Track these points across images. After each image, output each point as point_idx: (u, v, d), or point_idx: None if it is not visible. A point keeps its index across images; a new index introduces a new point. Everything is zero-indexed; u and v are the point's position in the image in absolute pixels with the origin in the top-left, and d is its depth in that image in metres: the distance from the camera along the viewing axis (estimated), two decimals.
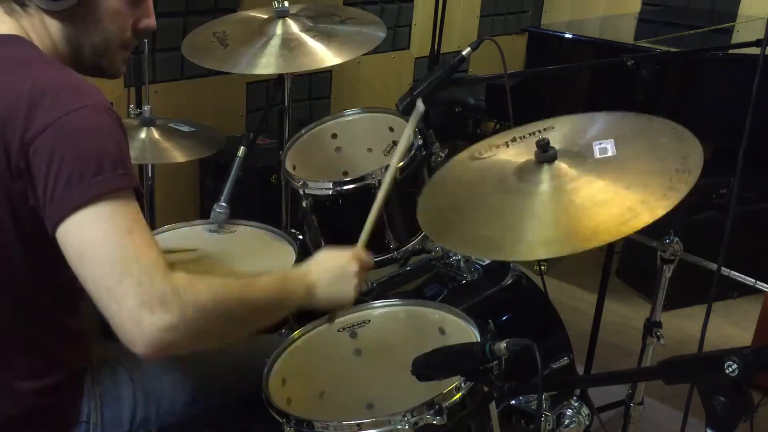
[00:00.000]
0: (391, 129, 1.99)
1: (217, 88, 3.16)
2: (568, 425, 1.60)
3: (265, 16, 2.11)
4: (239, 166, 2.02)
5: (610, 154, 1.30)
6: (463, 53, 1.80)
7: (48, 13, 1.19)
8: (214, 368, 1.45)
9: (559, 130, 1.43)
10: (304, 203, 1.86)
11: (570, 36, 3.13)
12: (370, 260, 1.39)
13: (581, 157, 1.32)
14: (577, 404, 1.62)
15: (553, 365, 1.82)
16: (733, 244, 1.35)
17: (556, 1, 4.48)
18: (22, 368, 1.23)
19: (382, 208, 1.45)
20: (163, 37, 2.89)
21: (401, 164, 1.78)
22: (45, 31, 1.21)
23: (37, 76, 1.12)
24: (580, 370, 2.13)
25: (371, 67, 3.73)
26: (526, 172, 1.34)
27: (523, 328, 1.92)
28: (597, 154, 1.31)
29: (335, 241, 1.90)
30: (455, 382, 1.27)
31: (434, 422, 1.24)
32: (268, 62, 1.97)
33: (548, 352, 1.84)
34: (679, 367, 0.94)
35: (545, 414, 1.52)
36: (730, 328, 2.90)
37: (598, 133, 1.37)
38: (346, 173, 2.04)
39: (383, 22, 2.13)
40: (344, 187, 1.81)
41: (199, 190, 3.19)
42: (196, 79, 3.07)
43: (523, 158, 1.38)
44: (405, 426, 1.23)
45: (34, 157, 1.07)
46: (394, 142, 1.97)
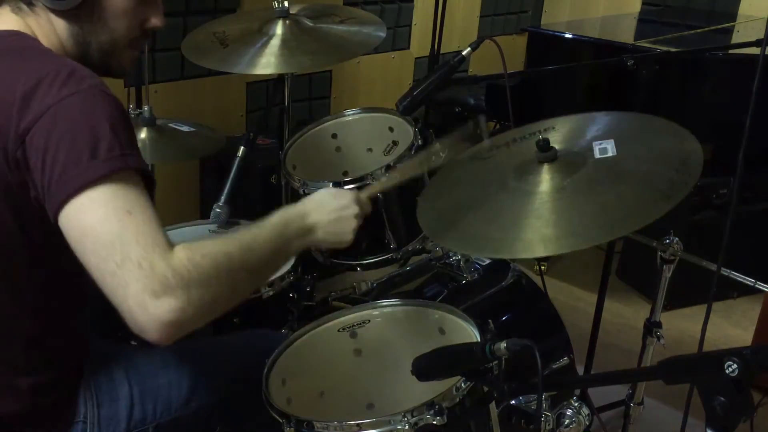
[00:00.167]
0: (391, 129, 1.99)
1: (217, 88, 3.16)
2: (568, 425, 1.60)
3: (265, 16, 2.10)
4: (239, 166, 2.01)
5: (611, 154, 1.31)
6: (463, 53, 1.79)
7: (55, 12, 1.19)
8: (212, 366, 1.45)
9: (560, 131, 1.43)
10: None
11: (570, 36, 3.13)
12: (369, 207, 1.42)
13: (581, 157, 1.32)
14: (577, 404, 1.61)
15: (553, 365, 1.82)
16: (733, 244, 1.35)
17: (556, 1, 4.48)
18: (20, 365, 1.23)
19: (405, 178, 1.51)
20: (163, 37, 2.89)
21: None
22: (52, 30, 1.21)
23: (30, 65, 1.12)
24: (580, 370, 2.13)
25: (371, 67, 3.73)
26: (526, 172, 1.34)
27: (523, 328, 1.92)
28: (597, 154, 1.31)
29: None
30: (455, 382, 1.27)
31: (434, 422, 1.24)
32: (268, 62, 1.97)
33: (548, 352, 1.84)
34: (679, 367, 0.94)
35: (545, 414, 1.52)
36: (730, 328, 2.89)
37: (599, 133, 1.37)
38: (346, 173, 2.04)
39: (383, 22, 2.13)
40: (344, 187, 1.80)
41: (199, 190, 3.18)
42: (196, 79, 3.07)
43: (523, 158, 1.38)
44: (405, 426, 1.23)
45: (31, 147, 1.06)
46: (394, 142, 1.97)
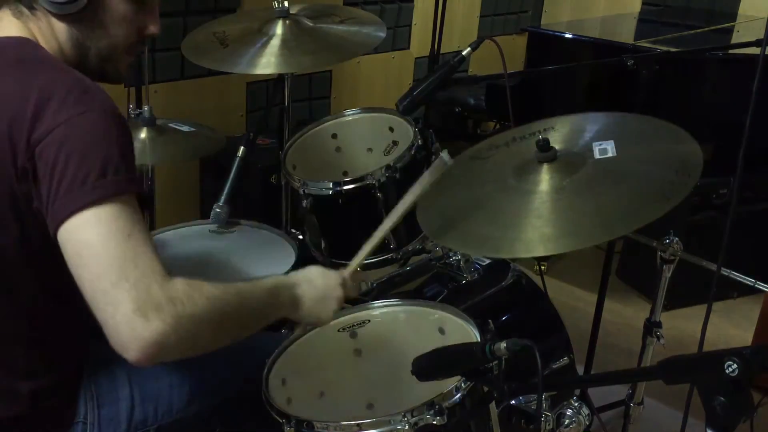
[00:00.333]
0: (391, 129, 1.99)
1: (217, 88, 3.16)
2: (568, 425, 1.60)
3: (265, 16, 2.10)
4: (239, 166, 2.01)
5: (610, 154, 1.31)
6: (463, 53, 1.79)
7: (56, 17, 1.20)
8: (212, 367, 1.45)
9: (560, 131, 1.43)
10: (304, 203, 1.86)
11: (570, 36, 3.13)
12: (355, 290, 1.43)
13: (581, 158, 1.32)
14: (577, 404, 1.61)
15: (553, 365, 1.82)
16: (733, 244, 1.35)
17: (556, 1, 4.48)
18: (20, 368, 1.23)
19: (381, 239, 1.46)
20: (163, 37, 2.88)
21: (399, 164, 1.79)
22: (52, 35, 1.21)
23: (45, 77, 1.13)
24: (580, 370, 2.13)
25: (371, 67, 3.73)
26: (525, 172, 1.34)
27: (523, 328, 1.92)
28: (597, 155, 1.31)
29: (335, 241, 1.92)
30: (455, 382, 1.27)
31: (434, 422, 1.24)
32: (268, 62, 1.97)
33: (548, 352, 1.84)
34: (679, 367, 0.94)
35: (545, 414, 1.52)
36: (730, 328, 2.89)
37: (598, 133, 1.37)
38: (346, 173, 2.04)
39: (383, 22, 2.13)
40: (344, 187, 1.81)
41: (199, 190, 3.19)
42: (196, 79, 3.07)
43: (523, 158, 1.38)
44: (405, 426, 1.23)
45: (40, 159, 1.07)
46: (394, 142, 1.97)
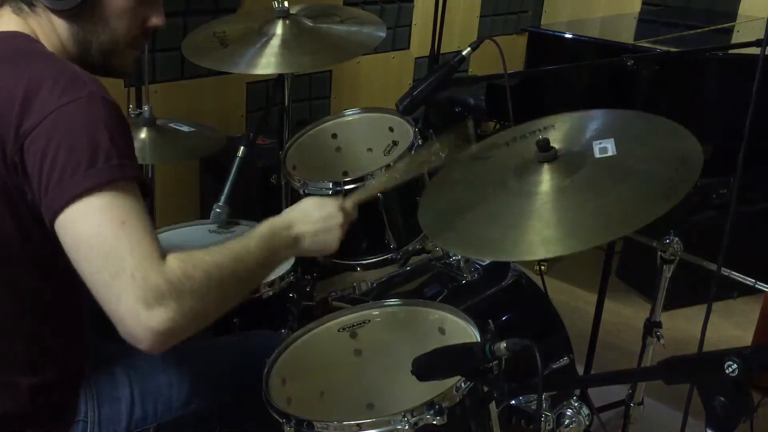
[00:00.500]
0: (391, 129, 1.98)
1: (217, 88, 3.16)
2: (568, 425, 1.60)
3: (265, 16, 2.10)
4: (239, 166, 2.01)
5: (610, 153, 1.30)
6: (463, 53, 1.79)
7: (55, 13, 1.19)
8: (212, 365, 1.45)
9: (560, 130, 1.43)
10: None
11: (570, 36, 3.13)
12: (354, 213, 1.42)
13: (581, 157, 1.32)
14: (577, 404, 1.61)
15: (553, 365, 1.82)
16: (733, 244, 1.35)
17: (556, 1, 4.48)
18: (20, 364, 1.22)
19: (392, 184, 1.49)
20: (163, 37, 2.89)
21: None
22: (53, 31, 1.21)
23: (32, 68, 1.12)
24: (580, 370, 2.13)
25: (371, 67, 3.73)
26: (526, 172, 1.34)
27: (523, 328, 1.92)
28: (597, 154, 1.31)
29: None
30: (455, 382, 1.27)
31: (434, 422, 1.24)
32: (268, 62, 1.97)
33: (548, 352, 1.84)
34: (679, 367, 0.94)
35: (545, 414, 1.52)
36: (730, 328, 2.89)
37: (598, 132, 1.37)
38: (346, 173, 2.04)
39: (383, 22, 2.13)
40: (344, 187, 1.80)
41: (199, 190, 3.19)
42: (196, 79, 3.07)
43: (523, 158, 1.38)
44: (405, 426, 1.23)
45: (29, 151, 1.06)
46: (394, 142, 1.97)
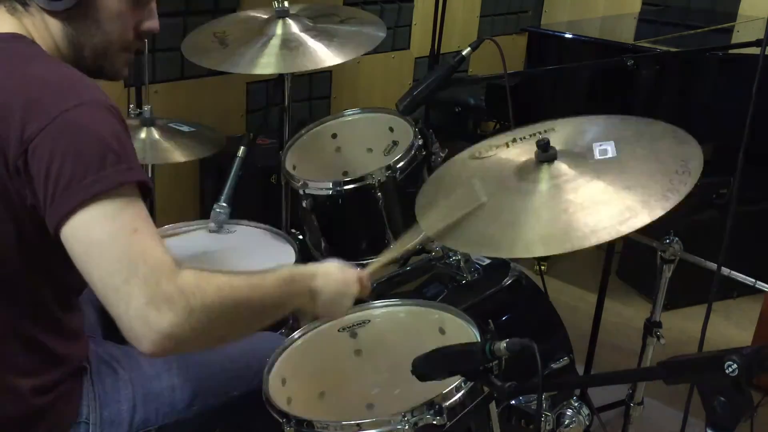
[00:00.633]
0: (391, 129, 1.99)
1: (217, 88, 3.16)
2: (568, 425, 1.60)
3: (265, 16, 2.11)
4: (239, 166, 2.02)
5: (610, 155, 1.31)
6: (463, 53, 1.79)
7: (49, 13, 1.19)
8: (214, 367, 1.45)
9: (560, 132, 1.43)
10: (304, 203, 1.86)
11: (570, 36, 3.13)
12: (369, 289, 1.40)
13: (581, 158, 1.32)
14: (577, 404, 1.62)
15: (553, 365, 1.82)
16: (733, 244, 1.35)
17: (556, 1, 4.47)
18: (20, 367, 1.22)
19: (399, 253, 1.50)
20: (163, 37, 2.88)
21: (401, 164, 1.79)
22: (46, 31, 1.21)
23: (35, 72, 1.12)
24: (580, 370, 2.13)
25: (371, 67, 3.73)
26: (526, 172, 1.34)
27: (523, 328, 1.91)
28: (597, 155, 1.31)
29: (335, 241, 1.92)
30: (455, 382, 1.27)
31: (434, 422, 1.24)
32: (268, 62, 1.97)
33: (548, 352, 1.84)
34: (679, 367, 0.94)
35: (545, 414, 1.52)
36: (730, 328, 2.89)
37: (599, 134, 1.37)
38: (346, 173, 2.04)
39: (383, 22, 2.13)
40: (344, 187, 1.81)
41: (199, 190, 3.18)
42: (196, 79, 3.07)
43: (523, 158, 1.38)
44: (405, 426, 1.23)
45: (33, 156, 1.05)
46: (394, 142, 1.97)
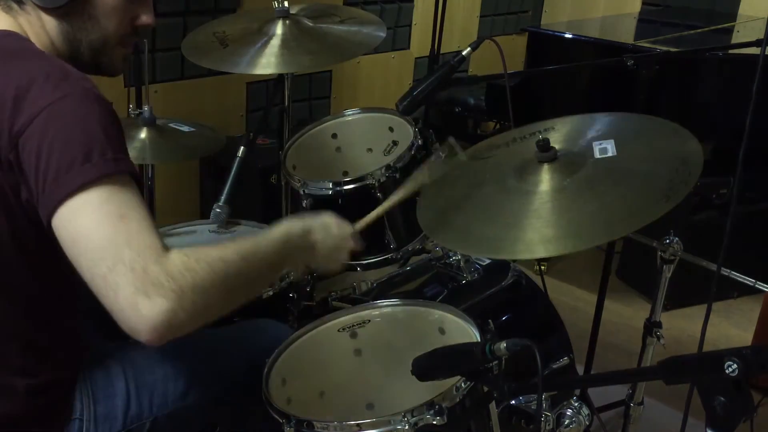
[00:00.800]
0: (391, 129, 1.98)
1: (217, 88, 3.16)
2: (568, 425, 1.60)
3: (265, 16, 2.10)
4: (239, 166, 2.01)
5: (611, 154, 1.31)
6: (463, 53, 1.79)
7: (44, 11, 1.19)
8: (208, 357, 1.45)
9: (560, 131, 1.43)
10: (304, 203, 1.86)
11: (570, 36, 3.13)
12: (360, 245, 1.43)
13: (581, 157, 1.32)
14: (577, 404, 1.61)
15: (553, 365, 1.82)
16: (733, 244, 1.35)
17: (556, 1, 4.48)
18: (15, 365, 1.22)
19: (392, 207, 1.50)
20: (163, 37, 2.89)
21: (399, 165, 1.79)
22: (42, 29, 1.21)
23: (23, 67, 1.12)
24: (580, 370, 2.13)
25: (371, 67, 3.73)
26: (526, 172, 1.34)
27: (523, 328, 1.92)
28: (597, 154, 1.31)
29: None
30: (455, 382, 1.27)
31: (434, 422, 1.24)
32: (268, 62, 1.97)
33: (548, 352, 1.84)
34: (679, 367, 0.94)
35: (545, 414, 1.52)
36: (730, 328, 2.89)
37: (599, 133, 1.37)
38: (346, 173, 2.04)
39: (383, 22, 2.13)
40: (344, 187, 1.80)
41: (199, 190, 3.19)
42: (196, 79, 3.07)
43: (523, 158, 1.38)
44: (405, 426, 1.23)
45: (24, 148, 1.06)
46: (394, 142, 1.97)
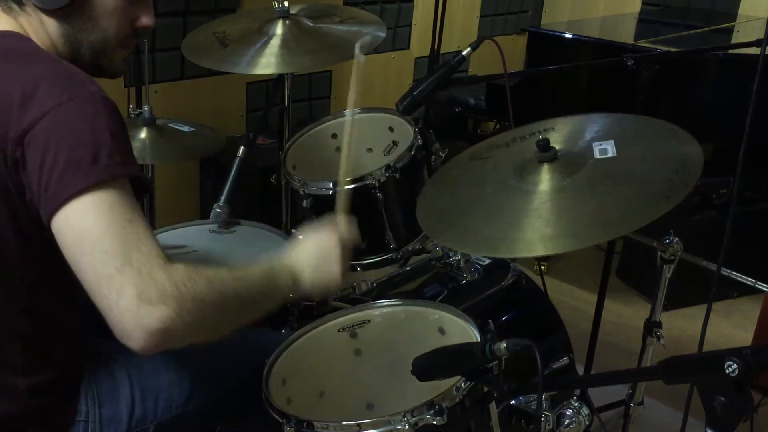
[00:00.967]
0: (391, 129, 1.99)
1: (217, 88, 3.16)
2: (568, 425, 1.60)
3: (265, 16, 2.10)
4: (239, 166, 2.02)
5: (610, 154, 1.31)
6: (463, 53, 1.79)
7: (45, 12, 1.19)
8: (213, 363, 1.45)
9: (560, 131, 1.43)
10: (304, 203, 1.86)
11: (570, 36, 3.13)
12: (353, 237, 1.35)
13: (581, 158, 1.32)
14: (577, 404, 1.61)
15: (553, 365, 1.82)
16: (733, 244, 1.35)
17: (556, 1, 4.48)
18: (18, 366, 1.22)
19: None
20: (163, 37, 2.89)
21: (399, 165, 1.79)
22: (43, 30, 1.21)
23: (29, 68, 1.12)
24: (580, 370, 2.13)
25: (371, 67, 3.73)
26: (525, 172, 1.34)
27: (523, 328, 1.92)
28: (597, 155, 1.31)
29: None
30: (455, 382, 1.27)
31: (434, 422, 1.24)
32: (268, 62, 1.97)
33: (548, 352, 1.84)
34: (679, 367, 0.94)
35: (545, 414, 1.52)
36: (730, 328, 2.90)
37: (599, 134, 1.37)
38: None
39: (383, 22, 2.13)
40: (342, 188, 1.80)
41: (199, 190, 3.19)
42: (196, 79, 3.07)
43: (523, 158, 1.38)
44: (405, 426, 1.23)
45: (29, 149, 1.06)
46: (394, 142, 1.97)
